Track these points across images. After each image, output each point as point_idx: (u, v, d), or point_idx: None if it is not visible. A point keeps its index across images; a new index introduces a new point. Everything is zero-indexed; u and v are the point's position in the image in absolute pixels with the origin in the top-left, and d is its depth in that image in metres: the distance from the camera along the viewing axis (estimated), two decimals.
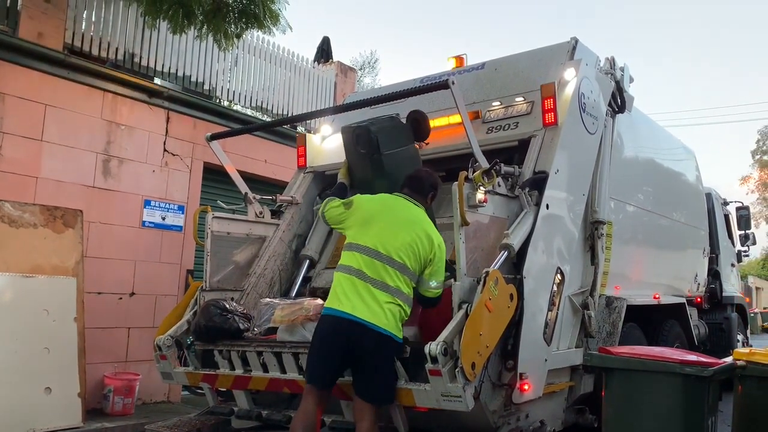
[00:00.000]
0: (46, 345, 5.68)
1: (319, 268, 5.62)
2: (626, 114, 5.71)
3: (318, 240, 5.75)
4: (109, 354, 6.80)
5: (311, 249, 5.69)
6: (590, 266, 5.06)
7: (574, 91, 4.85)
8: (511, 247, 4.06)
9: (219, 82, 8.52)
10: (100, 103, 6.94)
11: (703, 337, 7.58)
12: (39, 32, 6.50)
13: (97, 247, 6.76)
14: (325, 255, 5.70)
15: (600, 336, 5.05)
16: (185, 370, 4.84)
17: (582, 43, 5.23)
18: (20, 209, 5.87)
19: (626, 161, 5.98)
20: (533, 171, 4.55)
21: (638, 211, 6.22)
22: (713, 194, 8.98)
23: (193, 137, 7.68)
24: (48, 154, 6.48)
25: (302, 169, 6.16)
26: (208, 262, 5.16)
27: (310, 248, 5.70)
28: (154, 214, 7.35)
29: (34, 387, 5.52)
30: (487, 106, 5.22)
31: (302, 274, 5.60)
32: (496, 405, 3.91)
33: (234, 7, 6.79)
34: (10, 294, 5.62)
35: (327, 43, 11.21)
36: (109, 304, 6.86)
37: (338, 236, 5.65)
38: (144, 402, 7.05)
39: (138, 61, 7.50)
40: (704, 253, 7.98)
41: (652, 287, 6.39)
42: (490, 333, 3.71)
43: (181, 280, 7.49)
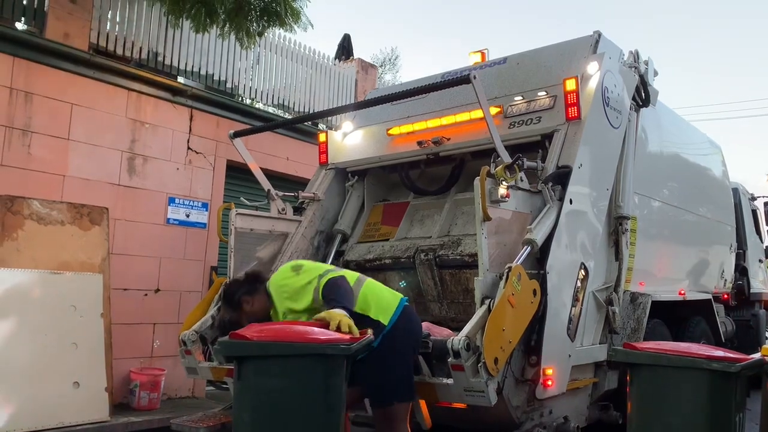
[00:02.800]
0: (74, 340, 5.78)
1: (351, 242, 5.79)
2: (650, 108, 5.65)
3: (350, 215, 5.95)
4: (135, 349, 6.89)
5: (344, 224, 5.88)
6: (614, 262, 5.02)
7: (598, 85, 4.81)
8: (534, 242, 4.04)
9: (241, 80, 8.57)
10: (125, 102, 7.03)
11: (730, 334, 7.46)
12: (65, 33, 6.61)
13: (123, 244, 6.85)
14: (358, 229, 5.89)
15: (624, 332, 5.01)
16: (210, 365, 4.88)
17: (605, 36, 5.17)
18: (48, 207, 5.97)
19: (651, 156, 5.91)
20: (556, 166, 4.52)
21: (663, 206, 6.15)
22: (740, 189, 8.83)
23: (216, 135, 7.75)
24: (74, 152, 6.58)
25: (324, 165, 6.18)
26: (232, 258, 5.20)
27: (342, 223, 5.89)
28: (178, 212, 7.43)
29: (62, 381, 5.62)
30: (510, 101, 5.19)
31: (335, 248, 5.77)
32: (519, 400, 3.90)
33: (256, 6, 6.83)
34: (39, 290, 5.71)
35: (348, 40, 11.25)
36: (134, 301, 6.96)
37: (370, 211, 5.98)
38: (169, 397, 7.14)
39: (161, 60, 7.59)
40: (731, 248, 7.85)
41: (678, 283, 6.31)
42: (513, 328, 3.70)
43: (205, 276, 7.56)
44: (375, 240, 5.65)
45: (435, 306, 5.09)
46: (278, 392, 2.62)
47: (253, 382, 2.67)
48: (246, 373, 2.68)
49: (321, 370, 2.66)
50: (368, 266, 5.31)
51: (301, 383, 2.64)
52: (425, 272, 5.01)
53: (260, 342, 2.67)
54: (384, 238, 5.60)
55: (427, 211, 5.60)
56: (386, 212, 5.86)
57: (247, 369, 2.68)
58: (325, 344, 2.69)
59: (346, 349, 2.71)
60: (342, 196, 6.08)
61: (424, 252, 5.01)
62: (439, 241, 5.09)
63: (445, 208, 5.39)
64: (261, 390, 2.65)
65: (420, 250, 5.06)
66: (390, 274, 5.27)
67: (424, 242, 5.18)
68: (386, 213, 5.85)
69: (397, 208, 5.80)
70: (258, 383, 2.66)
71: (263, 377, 2.65)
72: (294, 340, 2.67)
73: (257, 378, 2.66)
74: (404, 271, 5.19)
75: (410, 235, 5.52)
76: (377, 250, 5.44)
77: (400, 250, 5.23)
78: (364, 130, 6.15)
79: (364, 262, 5.40)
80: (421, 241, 5.24)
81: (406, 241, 5.40)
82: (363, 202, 6.06)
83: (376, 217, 5.90)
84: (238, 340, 2.71)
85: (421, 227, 5.52)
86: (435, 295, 5.03)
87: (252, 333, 2.75)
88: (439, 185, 5.56)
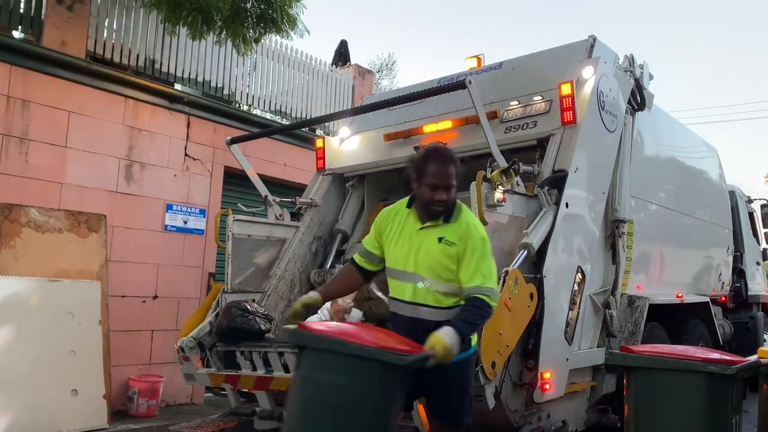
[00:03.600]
0: (72, 348, 5.77)
1: (352, 242, 5.85)
2: (646, 112, 5.67)
3: (351, 215, 6.04)
4: (134, 356, 6.88)
5: (344, 224, 5.97)
6: (611, 265, 5.04)
7: (593, 89, 4.83)
8: (530, 246, 4.05)
9: (238, 87, 8.59)
10: (122, 110, 7.04)
11: (728, 336, 7.47)
12: (62, 41, 6.62)
13: (121, 251, 6.85)
14: (358, 229, 5.96)
15: (622, 335, 5.01)
16: (208, 371, 4.89)
17: (600, 41, 5.20)
18: (45, 215, 5.97)
19: (647, 159, 5.93)
20: (552, 170, 4.54)
21: (660, 210, 6.16)
22: (737, 192, 8.85)
23: (213, 142, 7.76)
24: (72, 160, 6.58)
25: (321, 171, 6.20)
26: (230, 265, 5.21)
27: (343, 223, 5.97)
28: (176, 218, 7.43)
29: (60, 389, 5.60)
30: (505, 106, 5.22)
31: (336, 248, 5.84)
32: (518, 404, 3.91)
33: (252, 13, 6.85)
34: (37, 298, 5.71)
35: (345, 46, 11.27)
36: (132, 308, 6.95)
37: (370, 211, 6.01)
38: (168, 404, 7.12)
39: (158, 68, 7.60)
40: (728, 251, 7.87)
41: (675, 286, 6.32)
42: (511, 332, 3.71)
43: (203, 282, 7.56)
44: None
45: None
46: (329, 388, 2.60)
47: (308, 374, 2.68)
48: (303, 363, 2.72)
49: (373, 374, 2.60)
50: None
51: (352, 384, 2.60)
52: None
53: (319, 335, 2.68)
54: None
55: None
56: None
57: (305, 359, 2.71)
58: (380, 350, 2.61)
59: (399, 359, 2.61)
60: (339, 202, 6.11)
61: None
62: None
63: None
64: (313, 382, 2.65)
65: None
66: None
67: None
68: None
69: None
70: (312, 375, 2.67)
71: (318, 370, 2.65)
72: (352, 340, 2.64)
73: (312, 370, 2.67)
74: None
75: None
76: None
77: None
78: (361, 136, 6.17)
79: None
80: None
81: None
82: (363, 202, 6.11)
83: (375, 217, 5.90)
84: (302, 330, 2.74)
85: None
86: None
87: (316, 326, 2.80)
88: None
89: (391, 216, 3.13)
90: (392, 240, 3.06)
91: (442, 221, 2.97)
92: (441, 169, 2.94)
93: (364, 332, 2.84)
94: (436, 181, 2.91)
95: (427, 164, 2.96)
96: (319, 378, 2.62)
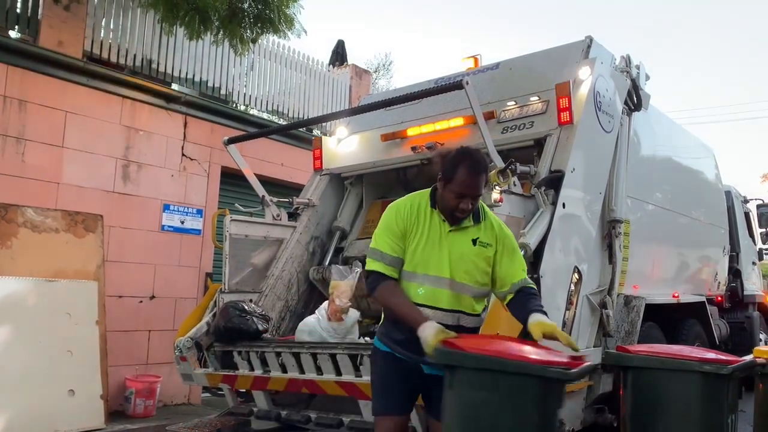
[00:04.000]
0: (69, 348, 5.77)
1: (351, 239, 5.89)
2: (643, 112, 5.68)
3: (349, 213, 6.07)
4: (131, 357, 6.88)
5: (343, 221, 5.99)
6: (608, 265, 5.04)
7: (590, 90, 4.84)
8: (527, 246, 4.05)
9: (235, 87, 8.58)
10: (119, 109, 7.03)
11: (724, 336, 7.49)
12: (59, 40, 6.61)
13: (118, 251, 6.84)
14: (356, 226, 5.99)
15: (618, 335, 5.02)
16: (205, 371, 4.89)
17: (597, 41, 5.22)
18: (42, 215, 5.97)
19: (643, 159, 5.95)
20: (549, 170, 4.55)
21: (656, 210, 6.18)
22: (733, 192, 8.87)
23: (210, 142, 7.76)
24: (69, 160, 6.58)
25: (318, 171, 6.20)
26: (227, 265, 5.22)
27: (341, 220, 5.99)
28: (173, 218, 7.43)
29: (57, 389, 5.60)
30: (502, 106, 5.23)
31: (334, 245, 5.87)
32: None
33: (249, 13, 6.85)
34: (34, 298, 5.70)
35: (342, 46, 11.26)
36: (129, 308, 6.95)
37: (368, 208, 6.05)
38: (165, 404, 7.12)
39: (155, 67, 7.59)
40: (724, 251, 7.89)
41: (672, 286, 6.34)
42: (508, 332, 3.69)
43: (200, 282, 7.56)
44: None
45: None
46: (488, 408, 2.51)
47: (464, 394, 2.57)
48: (457, 383, 2.58)
49: (535, 392, 2.49)
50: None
51: (513, 403, 2.50)
52: None
53: (476, 354, 2.54)
54: None
55: None
56: (384, 209, 5.91)
57: (458, 379, 2.58)
58: (543, 366, 2.49)
59: (564, 374, 2.50)
60: (337, 202, 6.12)
61: None
62: None
63: None
64: (470, 402, 2.55)
65: None
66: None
67: None
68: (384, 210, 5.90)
69: None
70: (469, 395, 2.55)
71: (474, 390, 2.54)
72: (511, 357, 2.52)
73: (468, 390, 2.55)
74: None
75: None
76: None
77: None
78: (358, 136, 6.17)
79: (364, 257, 5.43)
80: None
81: None
82: (362, 200, 6.13)
83: (374, 214, 6.00)
84: (453, 350, 2.58)
85: None
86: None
87: (468, 344, 2.62)
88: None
89: (413, 214, 2.87)
90: (420, 242, 2.82)
91: (471, 222, 2.85)
92: (471, 179, 2.74)
93: (514, 347, 2.68)
94: (464, 190, 2.73)
95: (457, 169, 2.75)
96: (476, 398, 2.52)
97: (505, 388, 2.49)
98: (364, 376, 3.89)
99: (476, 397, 2.54)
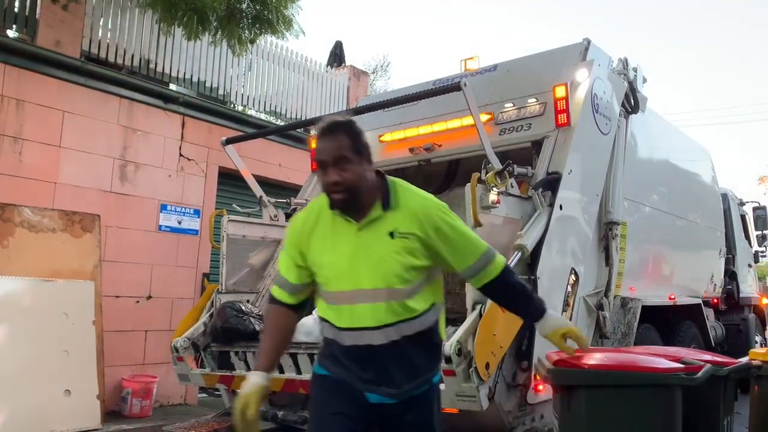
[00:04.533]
0: (66, 348, 5.76)
1: None
2: (640, 114, 5.70)
3: None
4: (127, 357, 6.87)
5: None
6: (605, 267, 5.06)
7: (587, 92, 4.85)
8: (524, 247, 4.07)
9: (233, 87, 8.59)
10: (117, 109, 7.03)
11: (720, 338, 7.52)
12: (57, 40, 6.61)
13: (115, 251, 6.84)
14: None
15: (615, 337, 5.03)
16: (202, 371, 4.89)
17: (594, 44, 5.22)
18: (39, 214, 5.96)
19: (640, 162, 5.96)
20: (546, 172, 4.56)
21: (653, 212, 6.20)
22: (729, 194, 8.90)
23: (208, 142, 7.76)
24: (66, 159, 6.57)
25: (316, 172, 6.18)
26: (224, 265, 5.22)
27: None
28: (170, 219, 7.42)
29: (53, 389, 5.59)
30: (500, 108, 5.24)
31: None
32: (511, 405, 3.92)
33: (247, 13, 6.86)
34: (30, 298, 5.69)
35: (340, 47, 11.28)
36: (126, 308, 6.94)
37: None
38: (161, 404, 7.11)
39: (153, 68, 7.59)
40: (720, 253, 7.92)
41: (668, 288, 6.35)
42: (504, 333, 3.72)
43: (197, 283, 7.55)
44: None
45: None
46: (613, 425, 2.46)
47: (586, 413, 2.50)
48: (577, 403, 2.50)
49: (659, 402, 2.44)
50: None
51: (639, 416, 2.44)
52: None
53: (598, 371, 2.47)
54: None
55: None
56: None
57: (578, 399, 2.50)
58: (668, 374, 2.45)
59: (689, 379, 2.44)
60: None
61: None
62: None
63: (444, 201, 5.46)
64: (594, 421, 2.49)
65: None
66: None
67: None
68: None
69: None
70: (592, 414, 2.49)
71: (597, 408, 2.48)
72: (631, 369, 2.48)
73: (592, 408, 2.49)
74: None
75: None
76: None
77: None
78: None
79: None
80: None
81: None
82: None
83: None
84: (571, 368, 2.49)
85: None
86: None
87: (585, 361, 2.52)
88: (436, 183, 5.62)
89: (309, 224, 2.30)
90: (324, 254, 2.26)
91: (380, 209, 2.23)
92: (323, 143, 2.20)
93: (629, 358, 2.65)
94: (321, 157, 2.20)
95: (315, 141, 2.28)
96: (603, 415, 2.46)
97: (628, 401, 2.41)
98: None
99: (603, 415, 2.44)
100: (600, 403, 2.48)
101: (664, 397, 2.42)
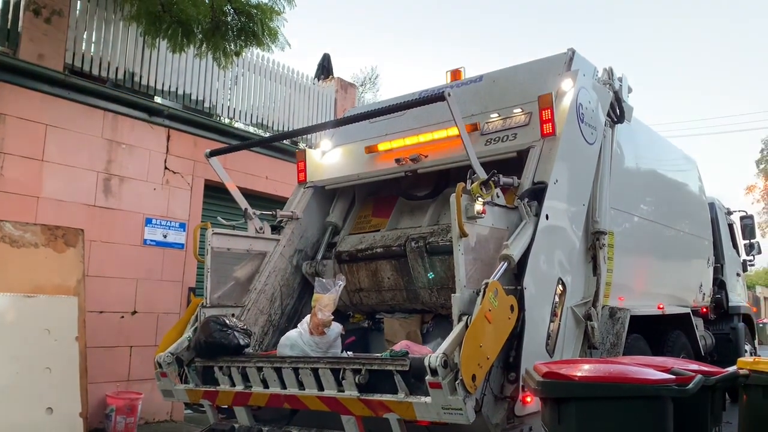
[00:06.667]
0: (48, 364, 5.66)
1: (343, 234, 5.90)
2: (626, 124, 5.70)
3: (341, 209, 6.08)
4: (111, 373, 6.77)
5: (335, 216, 6.01)
6: (592, 277, 5.02)
7: (572, 102, 4.85)
8: (510, 257, 4.03)
9: (219, 100, 8.56)
10: (101, 123, 6.97)
11: (709, 347, 7.50)
12: (39, 53, 6.56)
13: (99, 266, 6.75)
14: (349, 222, 6.02)
15: (604, 347, 4.99)
16: (186, 387, 4.81)
17: (579, 54, 5.24)
18: (21, 229, 5.88)
19: (627, 171, 5.96)
20: (532, 182, 4.54)
21: (640, 221, 6.19)
22: (716, 203, 8.93)
23: (193, 155, 7.71)
24: (49, 173, 6.50)
25: (302, 184, 6.16)
26: (209, 279, 5.14)
27: (334, 215, 6.02)
28: (155, 232, 7.35)
29: (35, 407, 5.48)
30: (486, 118, 5.23)
31: (326, 240, 5.89)
32: (499, 418, 3.87)
33: (233, 26, 6.84)
34: (12, 314, 5.60)
35: (327, 59, 11.29)
36: (110, 323, 6.84)
37: (361, 205, 6.09)
38: (146, 421, 7.00)
39: (138, 80, 7.55)
40: (709, 262, 7.92)
41: (657, 298, 6.33)
42: (491, 344, 3.67)
43: (183, 297, 7.47)
44: (366, 231, 5.79)
45: (425, 293, 5.16)
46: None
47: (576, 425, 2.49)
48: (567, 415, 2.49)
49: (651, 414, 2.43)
50: (360, 256, 5.46)
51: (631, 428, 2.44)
52: (416, 259, 5.08)
53: (586, 383, 2.47)
54: (375, 229, 5.73)
55: (417, 203, 5.67)
56: (376, 205, 6.02)
57: (568, 411, 2.48)
58: (659, 386, 2.45)
59: (680, 390, 2.45)
60: (321, 215, 6.09)
61: (414, 240, 5.10)
62: (429, 229, 5.21)
63: (435, 201, 5.52)
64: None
65: (411, 238, 5.15)
66: (381, 263, 5.36)
67: (414, 231, 5.29)
68: (376, 206, 6.01)
69: (387, 201, 5.93)
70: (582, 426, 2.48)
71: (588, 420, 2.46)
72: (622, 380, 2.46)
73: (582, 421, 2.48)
74: (395, 259, 5.27)
75: (401, 225, 5.65)
76: (369, 240, 5.55)
77: (391, 240, 5.34)
78: (342, 148, 6.15)
79: (356, 252, 5.52)
80: (412, 230, 5.35)
81: (396, 231, 5.51)
82: (353, 198, 6.13)
83: (366, 210, 6.06)
84: (561, 380, 2.49)
85: (411, 218, 5.65)
86: (425, 282, 5.10)
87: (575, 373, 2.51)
88: (427, 188, 5.63)
89: None
90: None
91: None
92: None
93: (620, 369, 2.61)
94: None
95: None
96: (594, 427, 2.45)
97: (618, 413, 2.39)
98: (346, 390, 3.83)
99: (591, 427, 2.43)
100: (591, 415, 2.46)
101: (655, 408, 2.40)
